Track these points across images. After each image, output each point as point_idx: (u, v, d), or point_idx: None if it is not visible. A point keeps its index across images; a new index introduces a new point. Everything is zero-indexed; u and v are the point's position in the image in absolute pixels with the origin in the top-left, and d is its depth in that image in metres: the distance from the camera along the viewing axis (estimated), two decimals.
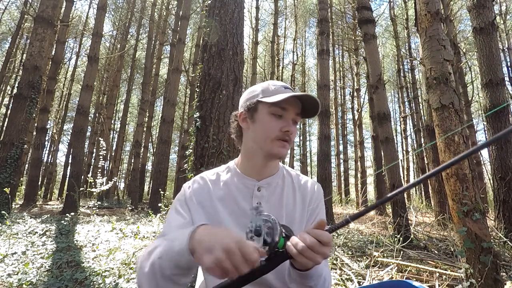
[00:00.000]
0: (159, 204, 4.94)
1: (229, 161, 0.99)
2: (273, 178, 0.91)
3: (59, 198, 14.29)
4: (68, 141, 17.93)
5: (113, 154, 17.72)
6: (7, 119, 7.46)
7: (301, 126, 22.77)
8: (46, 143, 17.36)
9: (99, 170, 8.35)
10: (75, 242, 3.54)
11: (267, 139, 0.84)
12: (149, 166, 22.16)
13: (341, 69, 19.69)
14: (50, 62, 11.33)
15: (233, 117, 0.94)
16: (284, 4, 19.43)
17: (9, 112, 9.34)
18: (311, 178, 1.09)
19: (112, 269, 2.49)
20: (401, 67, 15.95)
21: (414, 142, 16.91)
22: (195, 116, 3.09)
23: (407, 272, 2.57)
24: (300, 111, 0.88)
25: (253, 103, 0.88)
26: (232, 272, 0.53)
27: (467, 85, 10.40)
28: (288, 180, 0.95)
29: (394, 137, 10.34)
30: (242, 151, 0.93)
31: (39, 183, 12.41)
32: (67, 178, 9.31)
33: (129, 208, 7.89)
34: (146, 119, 14.49)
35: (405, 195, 8.60)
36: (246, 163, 0.91)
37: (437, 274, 2.50)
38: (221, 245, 0.53)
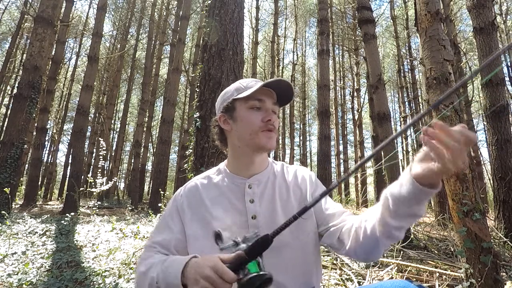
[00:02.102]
0: (159, 204, 4.95)
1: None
2: (263, 174, 0.92)
3: (59, 198, 14.29)
4: (68, 141, 17.94)
5: (113, 154, 17.72)
6: (7, 119, 7.46)
7: (301, 126, 22.78)
8: (46, 143, 17.36)
9: (99, 170, 8.36)
10: (75, 242, 3.54)
11: (252, 133, 0.85)
12: (149, 166, 22.18)
13: (341, 69, 19.69)
14: (50, 62, 11.33)
15: (214, 123, 0.95)
16: (284, 4, 19.43)
17: (9, 112, 9.34)
18: None
19: (112, 269, 2.49)
20: (401, 67, 15.95)
21: (414, 142, 16.91)
22: (195, 116, 3.09)
23: (407, 272, 2.57)
24: (276, 100, 0.90)
25: (230, 103, 0.89)
26: None
27: (467, 85, 10.39)
28: (279, 174, 0.95)
29: None
30: (230, 152, 0.94)
31: (39, 183, 12.41)
32: (67, 178, 9.31)
33: (129, 208, 7.89)
34: (146, 119, 14.49)
35: None
36: (235, 163, 0.92)
37: (437, 274, 2.50)
38: (201, 276, 0.62)
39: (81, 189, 5.81)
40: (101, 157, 6.69)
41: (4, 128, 7.40)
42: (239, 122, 0.88)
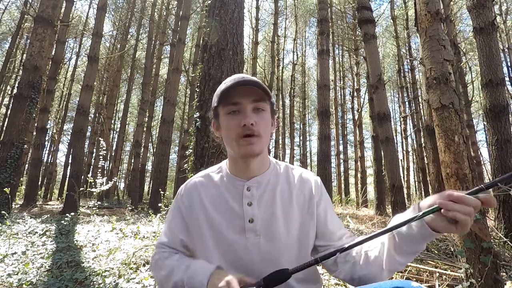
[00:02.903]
0: (159, 204, 4.94)
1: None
2: (263, 176, 0.88)
3: (59, 198, 14.29)
4: (68, 141, 17.93)
5: (113, 154, 17.72)
6: (7, 119, 7.46)
7: (301, 126, 22.78)
8: (46, 143, 17.35)
9: (99, 170, 8.36)
10: (75, 242, 3.54)
11: (232, 141, 0.81)
12: (149, 166, 22.19)
13: (341, 69, 19.69)
14: (50, 62, 11.32)
15: (211, 128, 0.93)
16: (284, 4, 19.42)
17: (9, 112, 9.34)
18: None
19: (112, 269, 2.49)
20: (401, 67, 15.95)
21: (414, 142, 16.92)
22: (195, 116, 3.09)
23: (407, 272, 2.57)
24: (263, 95, 0.81)
25: (213, 110, 0.87)
26: None
27: (467, 85, 10.40)
28: (282, 176, 0.91)
29: (394, 137, 10.35)
30: (228, 155, 0.92)
31: (39, 183, 12.41)
32: (67, 178, 9.31)
33: (129, 208, 7.88)
34: (146, 119, 14.49)
35: (405, 195, 8.61)
36: (233, 165, 0.89)
37: (437, 274, 2.50)
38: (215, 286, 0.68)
39: (81, 189, 5.81)
40: (101, 157, 6.68)
41: (4, 128, 7.39)
42: (222, 130, 0.84)
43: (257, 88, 0.80)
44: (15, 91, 6.38)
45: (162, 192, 6.44)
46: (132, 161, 14.04)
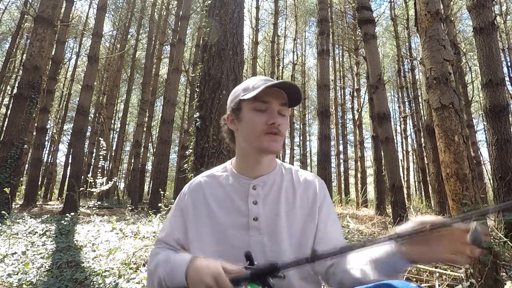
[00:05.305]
0: (159, 204, 4.94)
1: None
2: (269, 176, 0.90)
3: (59, 198, 14.29)
4: (68, 141, 17.93)
5: (113, 154, 17.72)
6: (7, 119, 7.46)
7: (301, 126, 22.78)
8: (46, 143, 17.34)
9: (99, 170, 8.36)
10: (75, 242, 3.54)
11: (255, 136, 0.83)
12: (149, 166, 22.16)
13: (341, 69, 19.69)
14: (50, 62, 11.32)
15: (223, 121, 0.93)
16: (284, 4, 19.42)
17: (9, 112, 9.35)
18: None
19: (112, 269, 2.49)
20: (401, 67, 15.94)
21: (414, 142, 16.92)
22: (195, 116, 3.09)
23: (407, 272, 2.57)
24: (287, 101, 0.85)
25: (237, 103, 0.87)
26: None
27: (467, 85, 10.40)
28: (286, 177, 0.92)
29: (394, 137, 10.35)
30: (236, 152, 0.92)
31: (39, 183, 12.41)
32: (67, 178, 9.31)
33: (129, 208, 7.89)
34: (146, 119, 14.48)
35: (405, 195, 8.60)
36: (241, 163, 0.90)
37: (437, 274, 2.50)
38: (202, 282, 0.65)
39: (81, 189, 5.81)
40: (101, 157, 6.68)
41: (4, 128, 7.39)
42: (244, 124, 0.85)
43: (295, 93, 0.84)
44: (15, 91, 6.38)
45: (162, 192, 6.45)
46: (132, 161, 14.03)
